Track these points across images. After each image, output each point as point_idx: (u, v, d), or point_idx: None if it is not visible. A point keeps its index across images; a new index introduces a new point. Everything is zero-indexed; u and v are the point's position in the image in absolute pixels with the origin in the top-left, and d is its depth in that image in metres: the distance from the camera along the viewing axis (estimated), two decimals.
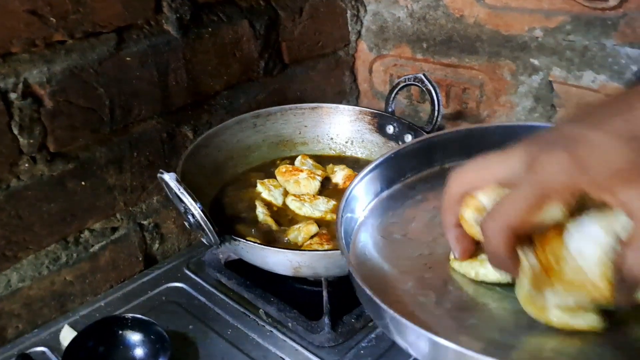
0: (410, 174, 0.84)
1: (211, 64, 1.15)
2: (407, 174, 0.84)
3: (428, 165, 0.86)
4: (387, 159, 0.82)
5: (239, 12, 1.18)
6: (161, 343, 0.90)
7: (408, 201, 0.81)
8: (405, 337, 0.59)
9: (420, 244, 0.74)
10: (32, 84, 0.90)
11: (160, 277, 1.10)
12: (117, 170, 1.06)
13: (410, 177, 0.84)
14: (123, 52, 1.00)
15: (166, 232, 1.18)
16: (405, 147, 0.85)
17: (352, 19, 1.43)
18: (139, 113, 1.06)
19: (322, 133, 1.28)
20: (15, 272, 0.97)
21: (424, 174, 0.85)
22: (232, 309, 1.02)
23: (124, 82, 1.02)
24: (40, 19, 0.89)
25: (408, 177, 0.84)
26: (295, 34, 1.31)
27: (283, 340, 0.95)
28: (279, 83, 1.32)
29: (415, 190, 0.83)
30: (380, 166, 0.82)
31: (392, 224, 0.77)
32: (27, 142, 0.92)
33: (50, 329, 1.00)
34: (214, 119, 1.19)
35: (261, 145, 1.24)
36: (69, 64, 0.94)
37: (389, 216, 0.79)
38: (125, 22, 1.00)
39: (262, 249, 0.91)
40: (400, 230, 0.76)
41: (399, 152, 0.83)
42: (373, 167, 0.81)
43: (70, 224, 1.02)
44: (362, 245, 0.75)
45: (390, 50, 1.41)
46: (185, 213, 0.90)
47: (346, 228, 0.75)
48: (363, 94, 1.53)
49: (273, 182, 1.14)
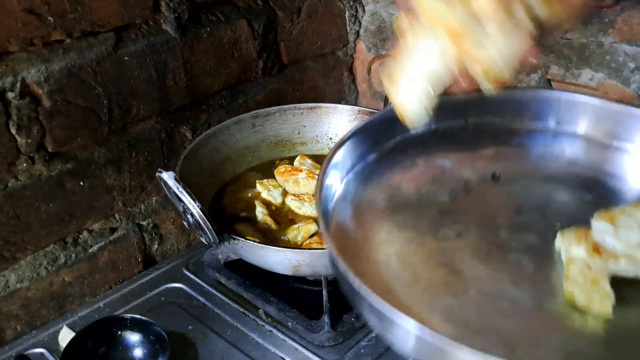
0: (402, 134, 0.79)
1: (210, 63, 1.15)
2: (399, 134, 0.79)
3: None
4: (377, 118, 0.78)
5: (237, 12, 1.18)
6: (160, 343, 0.89)
7: (396, 166, 0.78)
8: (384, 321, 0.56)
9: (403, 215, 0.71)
10: (30, 83, 0.90)
11: (159, 278, 1.10)
12: (116, 170, 1.05)
13: (400, 137, 0.79)
14: (121, 51, 1.00)
15: (165, 232, 1.18)
16: None
17: (351, 19, 1.43)
18: (138, 113, 1.06)
19: (321, 133, 1.27)
20: (13, 272, 0.97)
21: (416, 135, 0.79)
22: (231, 309, 1.01)
23: (122, 81, 1.01)
24: (38, 17, 0.89)
25: (399, 137, 0.79)
26: (294, 34, 1.31)
27: (283, 339, 0.95)
28: (278, 83, 1.31)
29: (405, 154, 0.79)
30: (369, 125, 0.77)
31: (378, 191, 0.74)
32: (25, 142, 0.92)
33: (49, 330, 0.99)
34: (212, 119, 1.19)
35: (260, 145, 1.23)
36: (67, 63, 0.94)
37: (374, 184, 0.75)
38: (124, 21, 1.00)
39: (261, 247, 0.91)
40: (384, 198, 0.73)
41: (389, 110, 0.76)
42: (361, 126, 0.76)
43: (69, 224, 1.02)
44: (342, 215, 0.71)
45: (388, 50, 1.41)
46: (184, 212, 0.89)
47: (326, 196, 0.71)
48: (362, 94, 1.53)
49: (272, 182, 1.14)
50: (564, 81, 1.14)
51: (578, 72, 1.11)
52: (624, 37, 1.04)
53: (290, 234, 1.01)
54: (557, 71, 1.14)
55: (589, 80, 1.10)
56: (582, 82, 1.11)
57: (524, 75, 1.19)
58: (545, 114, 0.82)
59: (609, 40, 1.06)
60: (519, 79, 1.20)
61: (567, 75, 1.13)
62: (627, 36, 1.04)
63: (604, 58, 1.07)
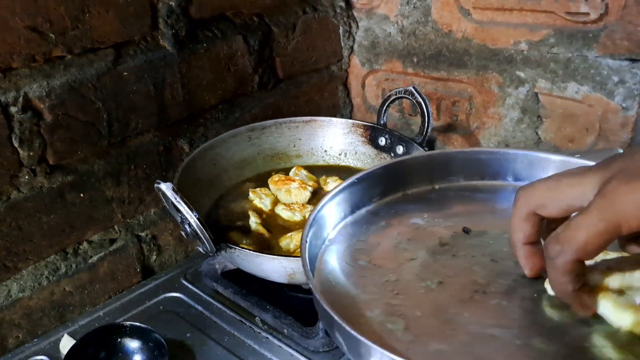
0: (375, 199, 0.85)
1: (206, 78, 1.18)
2: (372, 200, 0.85)
3: (392, 192, 0.87)
4: (351, 184, 0.83)
5: (233, 28, 1.21)
6: (159, 350, 0.91)
7: (372, 227, 0.82)
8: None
9: (386, 270, 0.74)
10: (32, 98, 0.93)
11: (158, 288, 1.12)
12: (115, 182, 1.08)
13: (374, 203, 0.85)
14: (120, 67, 1.03)
15: (163, 243, 1.20)
16: (369, 172, 0.85)
17: (345, 34, 1.46)
18: (136, 126, 1.08)
19: (316, 145, 1.30)
20: (15, 282, 0.99)
21: (388, 199, 0.86)
22: (228, 317, 1.03)
23: (121, 96, 1.04)
24: (40, 35, 0.92)
25: (373, 203, 0.85)
26: (289, 49, 1.34)
27: (279, 346, 0.97)
28: (274, 97, 1.34)
29: (379, 216, 0.84)
30: (344, 191, 0.82)
31: (358, 250, 0.78)
32: (27, 155, 0.94)
33: (50, 338, 1.01)
34: (209, 132, 1.22)
35: (256, 157, 1.26)
36: (68, 78, 0.97)
37: (354, 242, 0.79)
38: (123, 38, 1.03)
39: (257, 256, 0.93)
40: (365, 256, 0.76)
41: (361, 177, 0.84)
42: (337, 192, 0.81)
43: (70, 235, 1.04)
44: (328, 271, 0.74)
45: (382, 65, 1.44)
46: (182, 222, 0.92)
47: (311, 253, 0.74)
48: (356, 108, 1.55)
49: (264, 190, 1.17)
50: (551, 94, 1.17)
51: (564, 85, 1.14)
52: (607, 51, 1.07)
53: (283, 242, 1.03)
54: (544, 85, 1.17)
55: (575, 94, 1.13)
56: (569, 96, 1.14)
57: (512, 88, 1.22)
58: (504, 171, 0.87)
59: (593, 54, 1.09)
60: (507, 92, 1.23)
61: (554, 89, 1.16)
62: (610, 50, 1.07)
63: (589, 72, 1.10)
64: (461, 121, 1.34)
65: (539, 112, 1.20)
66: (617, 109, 1.09)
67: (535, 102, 1.20)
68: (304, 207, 1.12)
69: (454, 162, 0.88)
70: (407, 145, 1.19)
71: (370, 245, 0.78)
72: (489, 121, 1.29)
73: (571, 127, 1.17)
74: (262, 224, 1.08)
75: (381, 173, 0.86)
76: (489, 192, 0.87)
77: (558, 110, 1.17)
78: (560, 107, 1.17)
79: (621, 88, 1.08)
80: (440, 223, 0.82)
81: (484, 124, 1.30)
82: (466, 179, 0.88)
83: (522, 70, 1.19)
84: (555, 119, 1.18)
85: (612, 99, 1.09)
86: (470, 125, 1.33)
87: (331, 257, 0.76)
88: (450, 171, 0.88)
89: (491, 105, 1.27)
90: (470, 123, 1.32)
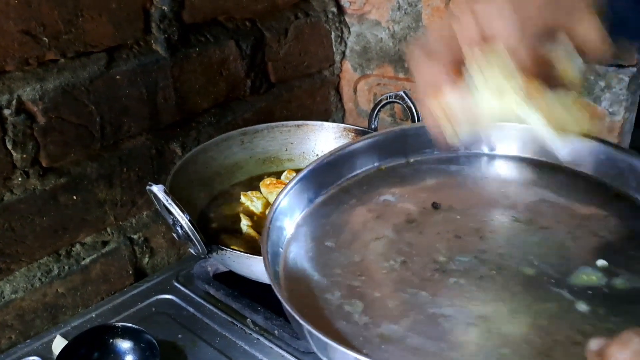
0: (348, 176, 0.86)
1: (199, 82, 1.19)
2: (345, 176, 0.86)
3: (366, 167, 0.88)
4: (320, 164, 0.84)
5: (226, 32, 1.22)
6: (151, 351, 0.92)
7: (342, 206, 0.83)
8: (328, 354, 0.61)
9: (351, 251, 0.75)
10: (26, 101, 0.94)
11: (150, 290, 1.13)
12: (108, 185, 1.09)
13: (347, 180, 0.86)
14: (113, 70, 1.04)
15: (156, 246, 1.21)
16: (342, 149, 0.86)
17: (337, 40, 1.47)
18: (129, 130, 1.09)
19: (308, 150, 1.31)
20: (8, 283, 1.00)
21: (362, 176, 0.87)
22: (220, 319, 1.04)
23: (114, 99, 1.05)
24: (33, 38, 0.93)
25: (346, 180, 0.86)
26: (281, 54, 1.35)
27: (270, 347, 0.98)
28: (266, 101, 1.35)
29: (350, 193, 0.85)
30: (313, 172, 0.83)
31: (325, 232, 0.79)
32: (20, 157, 0.95)
33: (43, 339, 1.02)
34: (201, 136, 1.23)
35: (248, 161, 1.27)
36: (61, 82, 0.98)
37: (322, 223, 0.80)
38: (116, 42, 1.04)
39: (247, 257, 0.94)
40: (332, 237, 0.78)
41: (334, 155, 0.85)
42: (304, 175, 0.82)
43: (62, 237, 1.05)
44: (293, 255, 0.76)
45: (373, 70, 1.46)
46: (173, 225, 0.93)
47: (277, 238, 0.76)
48: (348, 113, 1.57)
49: (256, 194, 1.17)
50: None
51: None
52: None
53: None
54: None
55: None
56: None
57: None
58: (478, 142, 0.89)
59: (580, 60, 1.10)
60: None
61: None
62: None
63: None
64: None
65: None
66: (604, 113, 1.11)
67: None
68: None
69: (427, 135, 0.83)
70: None
71: (338, 226, 0.80)
72: None
73: None
74: (253, 227, 1.09)
75: (355, 149, 0.87)
76: (463, 164, 0.89)
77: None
78: None
79: (608, 93, 1.09)
80: (411, 199, 0.83)
81: None
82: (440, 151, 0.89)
83: None
84: None
85: (598, 104, 1.11)
86: None
87: (299, 242, 0.78)
88: (425, 144, 0.89)
89: None
90: None
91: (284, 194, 0.80)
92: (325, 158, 0.84)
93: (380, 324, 0.64)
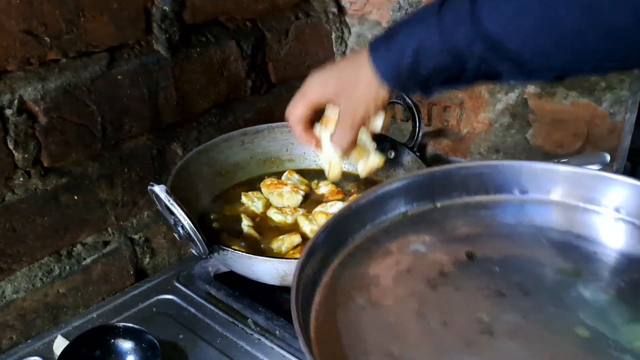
0: (373, 224, 0.80)
1: (200, 82, 1.19)
2: (370, 225, 0.80)
3: (392, 214, 0.82)
4: (345, 212, 0.77)
5: (227, 33, 1.22)
6: (152, 351, 0.92)
7: (371, 258, 0.76)
8: None
9: (384, 309, 0.69)
10: (27, 101, 0.94)
11: (150, 290, 1.13)
12: (109, 185, 1.09)
13: (373, 228, 0.80)
14: (114, 70, 1.04)
15: (157, 246, 1.21)
16: (366, 197, 0.80)
17: (337, 40, 1.47)
18: (130, 130, 1.09)
19: (308, 150, 1.31)
20: (9, 283, 1.00)
21: (387, 223, 0.81)
22: (221, 319, 1.04)
23: (115, 99, 1.05)
24: (35, 38, 0.93)
25: (371, 228, 0.79)
26: (282, 54, 1.35)
27: (271, 347, 0.98)
28: (266, 102, 1.35)
29: (378, 243, 0.78)
30: (339, 221, 0.76)
31: (355, 288, 0.72)
32: (22, 157, 0.95)
33: (44, 339, 1.02)
34: (202, 136, 1.23)
35: (249, 161, 1.27)
36: (63, 81, 0.98)
37: (350, 278, 0.73)
38: (117, 42, 1.04)
39: (249, 258, 0.94)
40: (363, 293, 0.71)
41: (357, 203, 0.79)
42: (330, 224, 0.75)
43: (63, 237, 1.05)
44: (323, 316, 0.68)
45: None
46: (175, 225, 0.93)
47: (305, 297, 0.67)
48: None
49: (257, 194, 1.18)
50: (540, 100, 1.18)
51: (553, 90, 1.16)
52: None
53: (275, 244, 1.04)
54: (533, 90, 1.18)
55: (564, 99, 1.15)
56: (557, 101, 1.16)
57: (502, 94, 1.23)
58: (508, 184, 0.83)
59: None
60: (497, 97, 1.24)
61: (543, 95, 1.17)
62: None
63: (577, 78, 1.12)
64: (452, 126, 1.35)
65: (528, 118, 1.21)
66: (605, 114, 1.11)
67: (524, 107, 1.21)
68: (295, 211, 1.13)
69: (455, 178, 0.83)
70: (399, 149, 1.21)
71: (367, 281, 0.73)
72: (479, 126, 1.30)
73: (560, 132, 1.19)
74: (253, 227, 1.09)
75: (381, 194, 0.81)
76: (493, 208, 0.83)
77: (547, 115, 1.19)
78: (549, 112, 1.18)
79: (609, 94, 1.09)
80: (442, 248, 0.77)
81: (475, 129, 1.31)
82: (469, 195, 0.84)
83: None
84: (544, 124, 1.20)
85: (599, 105, 1.11)
86: (461, 131, 1.34)
87: (328, 300, 0.70)
88: (452, 187, 0.83)
89: (482, 111, 1.28)
90: (460, 128, 1.34)
91: (308, 248, 0.70)
92: (350, 205, 0.78)
93: None
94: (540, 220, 0.83)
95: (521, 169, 0.82)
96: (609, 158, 0.93)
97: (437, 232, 0.80)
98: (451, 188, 0.84)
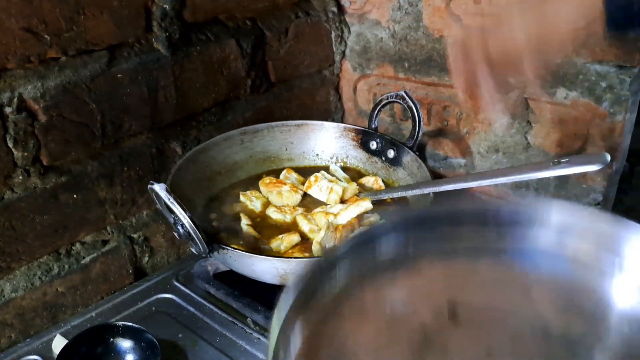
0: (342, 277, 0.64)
1: (199, 81, 1.19)
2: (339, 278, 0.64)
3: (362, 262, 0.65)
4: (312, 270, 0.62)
5: (227, 31, 1.22)
6: (151, 350, 0.92)
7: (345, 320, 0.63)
8: None
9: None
10: (27, 99, 0.94)
11: (150, 289, 1.13)
12: (108, 184, 1.09)
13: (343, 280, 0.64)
14: (114, 69, 1.04)
15: (156, 245, 1.21)
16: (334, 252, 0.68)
17: (337, 39, 1.47)
18: (129, 128, 1.09)
19: (307, 149, 1.31)
20: (8, 282, 0.99)
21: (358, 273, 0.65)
22: (220, 318, 1.04)
23: (115, 98, 1.05)
24: (35, 36, 0.93)
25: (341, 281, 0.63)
26: (281, 53, 1.35)
27: None
28: (266, 101, 1.35)
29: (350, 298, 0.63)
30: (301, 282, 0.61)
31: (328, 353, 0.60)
32: (21, 155, 0.95)
33: (43, 338, 1.02)
34: (202, 135, 1.23)
35: (248, 160, 1.27)
36: (63, 80, 0.97)
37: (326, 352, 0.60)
38: (117, 40, 1.04)
39: (249, 256, 0.94)
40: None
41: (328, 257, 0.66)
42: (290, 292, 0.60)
43: (62, 236, 1.05)
44: None
45: (373, 70, 1.46)
46: (175, 223, 0.93)
47: None
48: (348, 113, 1.56)
49: (255, 193, 1.18)
50: (540, 100, 1.18)
51: (553, 91, 1.15)
52: (595, 57, 1.09)
53: (274, 243, 1.04)
54: (533, 90, 1.18)
55: (564, 99, 1.15)
56: (558, 101, 1.16)
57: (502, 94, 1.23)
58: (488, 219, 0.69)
59: (582, 60, 1.10)
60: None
61: (543, 94, 1.17)
62: (598, 57, 1.08)
63: (577, 77, 1.12)
64: (452, 126, 1.35)
65: (528, 117, 1.21)
66: (605, 114, 1.11)
67: (524, 108, 1.21)
68: (294, 210, 1.13)
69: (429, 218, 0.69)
70: (398, 149, 1.21)
71: (345, 353, 0.61)
72: (479, 126, 1.30)
73: (560, 132, 1.18)
74: (252, 226, 1.09)
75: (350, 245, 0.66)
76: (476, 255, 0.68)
77: (547, 115, 1.19)
78: (549, 112, 1.18)
79: (609, 94, 1.09)
80: (422, 301, 0.66)
81: (474, 129, 1.31)
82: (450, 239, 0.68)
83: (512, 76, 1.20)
84: (544, 124, 1.20)
85: (600, 105, 1.11)
86: (461, 130, 1.34)
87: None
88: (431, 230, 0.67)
89: (481, 111, 1.28)
90: (460, 128, 1.34)
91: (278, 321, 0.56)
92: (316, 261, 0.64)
93: None
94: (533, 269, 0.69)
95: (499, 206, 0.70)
96: (609, 158, 0.93)
97: (413, 278, 0.68)
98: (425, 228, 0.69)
